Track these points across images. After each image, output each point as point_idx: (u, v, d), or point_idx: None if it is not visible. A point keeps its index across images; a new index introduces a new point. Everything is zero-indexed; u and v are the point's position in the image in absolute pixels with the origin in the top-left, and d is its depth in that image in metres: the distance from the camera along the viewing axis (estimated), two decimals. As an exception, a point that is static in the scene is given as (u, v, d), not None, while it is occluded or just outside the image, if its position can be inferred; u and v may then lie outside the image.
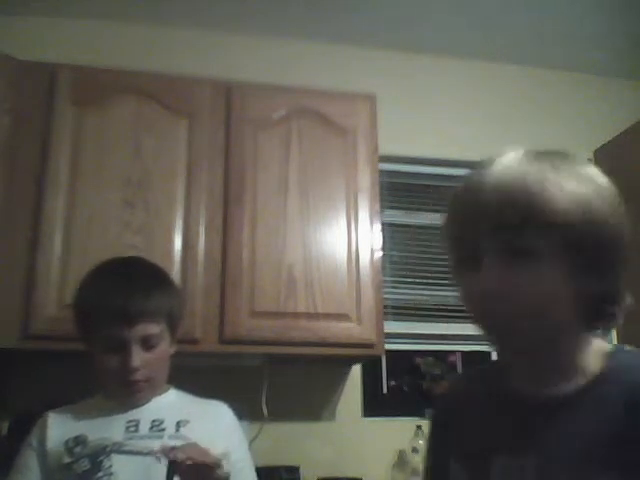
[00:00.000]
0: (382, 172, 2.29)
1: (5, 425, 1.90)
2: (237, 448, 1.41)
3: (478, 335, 0.80)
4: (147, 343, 1.32)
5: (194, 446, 1.21)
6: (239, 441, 1.44)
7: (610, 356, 0.79)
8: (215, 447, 1.26)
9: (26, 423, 1.41)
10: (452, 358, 2.53)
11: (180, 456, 1.14)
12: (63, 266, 1.84)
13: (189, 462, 1.14)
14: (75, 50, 2.37)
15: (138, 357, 1.31)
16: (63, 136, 1.94)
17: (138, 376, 1.32)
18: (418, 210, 2.64)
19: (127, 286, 1.35)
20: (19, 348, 1.80)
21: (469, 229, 0.77)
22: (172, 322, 1.39)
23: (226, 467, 1.33)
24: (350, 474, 2.15)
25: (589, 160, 2.76)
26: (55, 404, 1.41)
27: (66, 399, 1.44)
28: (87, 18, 2.47)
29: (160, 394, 1.41)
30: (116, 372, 1.32)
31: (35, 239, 1.85)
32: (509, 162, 0.78)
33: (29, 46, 2.28)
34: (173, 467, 1.15)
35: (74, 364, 1.69)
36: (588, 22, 2.57)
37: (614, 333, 2.20)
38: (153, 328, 1.33)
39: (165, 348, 1.37)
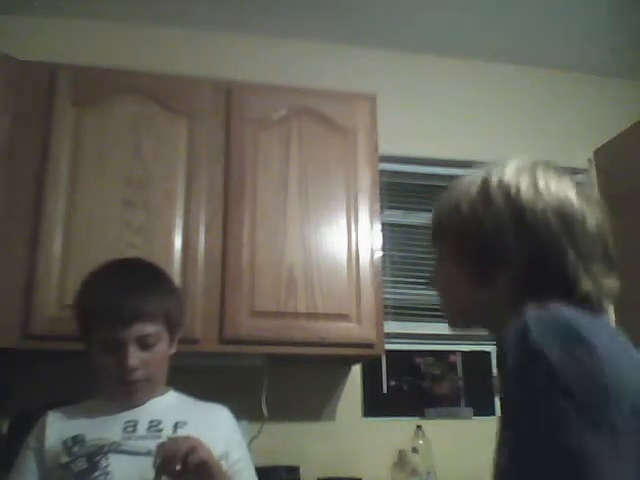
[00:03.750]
0: (382, 172, 2.29)
1: (5, 425, 1.90)
2: (236, 449, 1.41)
3: (478, 335, 0.82)
4: (144, 343, 1.33)
5: (176, 441, 1.21)
6: (238, 442, 1.44)
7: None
8: (213, 449, 1.26)
9: (26, 423, 1.41)
10: (452, 358, 2.53)
11: (162, 453, 1.16)
12: (63, 266, 1.84)
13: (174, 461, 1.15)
14: (75, 50, 2.37)
15: (135, 357, 1.31)
16: (63, 136, 1.94)
17: (136, 376, 1.33)
18: (418, 210, 2.64)
19: (123, 287, 1.35)
20: (19, 348, 1.80)
21: None
22: (170, 322, 1.39)
23: (225, 467, 1.34)
24: (350, 474, 2.15)
25: (589, 160, 2.76)
26: (55, 404, 1.41)
27: (66, 399, 1.44)
28: (87, 18, 2.47)
29: (159, 395, 1.41)
30: (114, 372, 1.33)
31: (35, 239, 1.85)
32: None
33: (29, 46, 2.28)
34: (160, 467, 1.16)
35: (74, 364, 1.70)
36: (588, 22, 2.57)
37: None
38: (149, 328, 1.33)
39: (163, 348, 1.38)
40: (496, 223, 0.85)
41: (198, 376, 1.76)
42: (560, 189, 0.86)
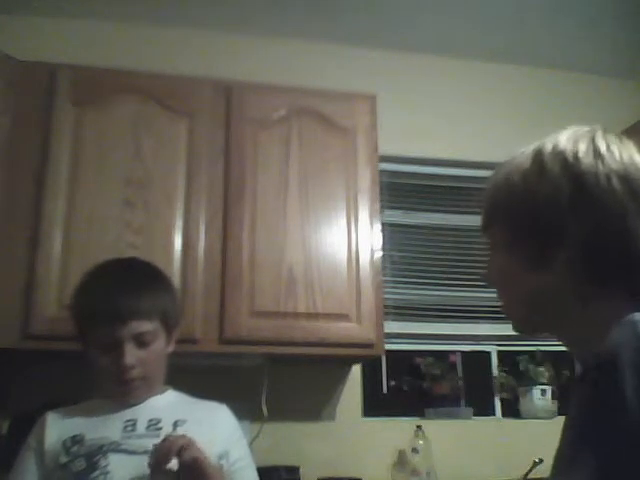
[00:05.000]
0: (382, 172, 2.29)
1: (5, 425, 1.90)
2: (236, 447, 1.41)
3: (478, 335, 0.80)
4: (140, 341, 1.33)
5: (170, 439, 1.21)
6: (238, 441, 1.44)
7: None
8: (213, 447, 1.26)
9: (26, 423, 1.41)
10: (452, 358, 2.53)
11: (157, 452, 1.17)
12: (63, 266, 1.84)
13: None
14: (75, 50, 2.37)
15: (131, 355, 1.31)
16: (63, 136, 1.94)
17: (133, 374, 1.33)
18: (418, 210, 2.64)
19: (119, 285, 1.36)
20: (19, 348, 1.80)
21: None
22: (167, 320, 1.39)
23: (225, 466, 1.34)
24: (350, 474, 2.15)
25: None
26: (55, 404, 1.41)
27: (66, 399, 1.44)
28: (87, 18, 2.47)
29: (158, 394, 1.41)
30: (111, 371, 1.33)
31: (35, 239, 1.85)
32: None
33: (29, 46, 2.28)
34: (154, 465, 1.17)
35: (74, 364, 1.70)
36: (588, 22, 2.57)
37: None
38: (146, 326, 1.33)
39: (160, 346, 1.37)
40: (551, 193, 0.74)
41: (198, 376, 1.76)
42: (625, 152, 0.76)
